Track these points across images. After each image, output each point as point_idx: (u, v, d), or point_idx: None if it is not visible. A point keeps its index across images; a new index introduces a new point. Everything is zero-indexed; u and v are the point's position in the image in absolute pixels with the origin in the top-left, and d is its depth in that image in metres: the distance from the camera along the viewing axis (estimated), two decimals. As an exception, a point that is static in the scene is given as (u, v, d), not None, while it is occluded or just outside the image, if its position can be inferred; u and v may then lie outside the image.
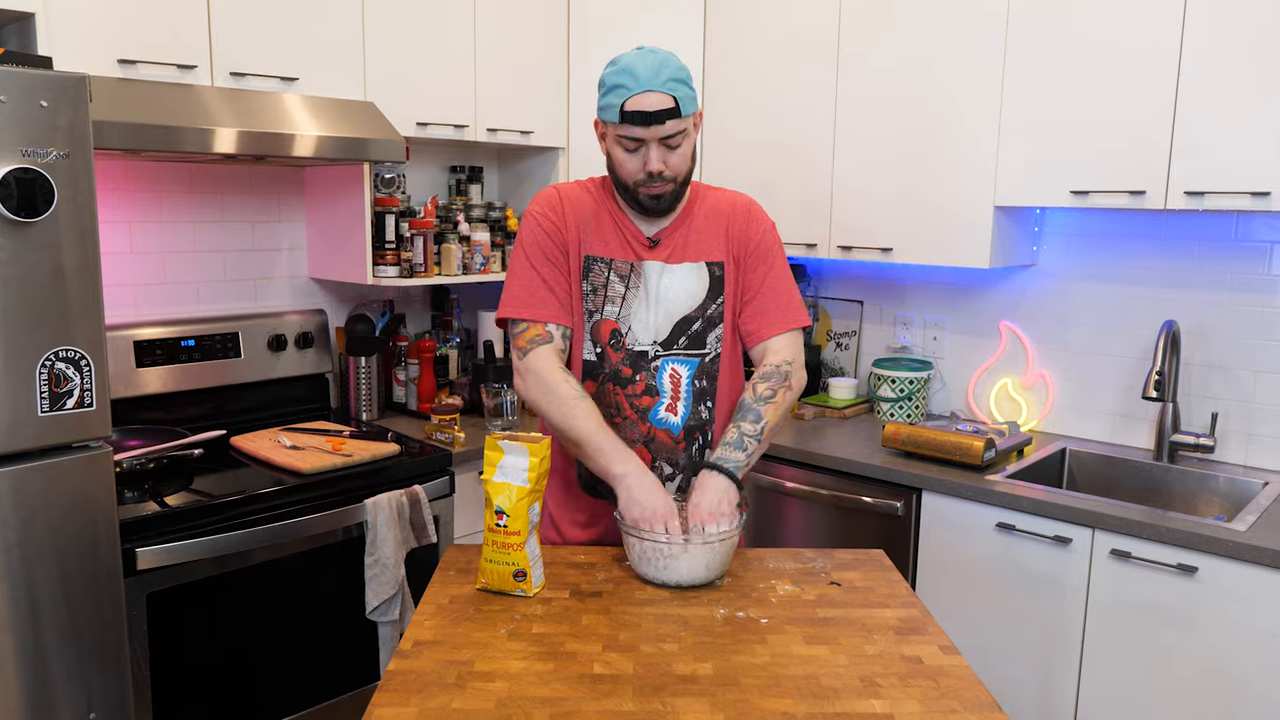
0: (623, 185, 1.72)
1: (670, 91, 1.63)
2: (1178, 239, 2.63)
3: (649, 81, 1.62)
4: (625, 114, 1.63)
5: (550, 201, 1.78)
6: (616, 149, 1.69)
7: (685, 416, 1.78)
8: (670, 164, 1.68)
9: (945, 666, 1.35)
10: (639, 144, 1.66)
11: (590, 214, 1.78)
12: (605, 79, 1.67)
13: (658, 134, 1.65)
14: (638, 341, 1.76)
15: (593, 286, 1.76)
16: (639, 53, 1.65)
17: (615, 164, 1.71)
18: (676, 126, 1.65)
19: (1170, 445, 2.58)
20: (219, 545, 2.12)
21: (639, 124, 1.63)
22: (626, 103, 1.63)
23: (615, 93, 1.64)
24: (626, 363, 1.76)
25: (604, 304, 1.75)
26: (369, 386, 2.92)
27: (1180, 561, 2.09)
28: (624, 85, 1.63)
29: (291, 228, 2.96)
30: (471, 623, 1.45)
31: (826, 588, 1.61)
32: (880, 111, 2.78)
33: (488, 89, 2.94)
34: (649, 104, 1.63)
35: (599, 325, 1.76)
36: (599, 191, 1.81)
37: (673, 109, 1.64)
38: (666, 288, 1.77)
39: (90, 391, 1.84)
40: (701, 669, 1.33)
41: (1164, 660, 2.13)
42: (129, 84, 2.19)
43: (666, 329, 1.77)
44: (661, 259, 1.77)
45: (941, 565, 2.46)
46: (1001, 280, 2.95)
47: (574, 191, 1.81)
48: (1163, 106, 2.30)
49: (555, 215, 1.76)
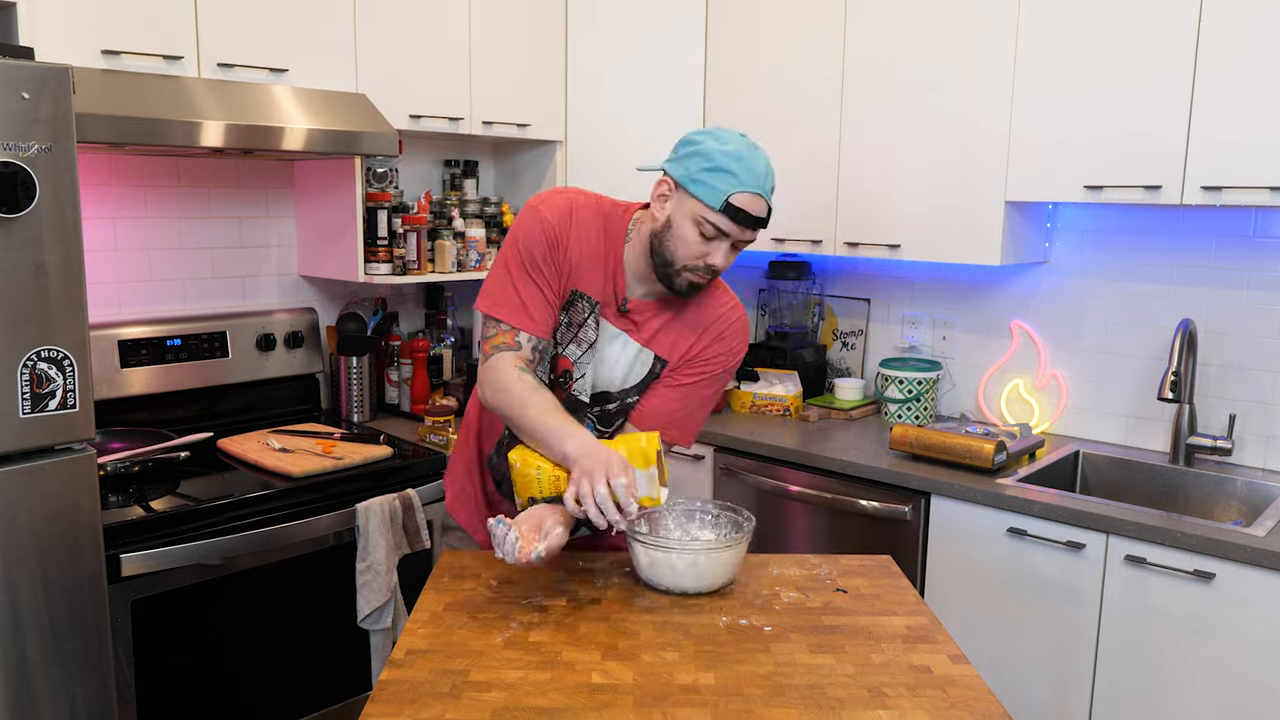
0: (667, 260, 1.64)
1: (769, 201, 1.60)
2: (1195, 235, 2.63)
3: (760, 184, 1.58)
4: (729, 206, 1.57)
5: (561, 212, 1.68)
6: (688, 226, 1.60)
7: None
8: (727, 263, 1.64)
9: (955, 676, 1.35)
10: (717, 235, 1.60)
11: (592, 246, 1.70)
12: (710, 153, 1.58)
13: (744, 236, 1.61)
14: (582, 391, 1.73)
15: (569, 320, 1.71)
16: (750, 144, 1.60)
17: (676, 238, 1.62)
18: (756, 235, 1.63)
19: (1187, 448, 2.58)
20: (206, 551, 2.11)
21: (738, 222, 1.58)
22: (734, 196, 1.56)
23: (721, 177, 1.56)
24: (565, 405, 1.66)
25: (569, 343, 1.71)
26: (360, 387, 2.92)
27: (1197, 568, 2.09)
28: (734, 174, 1.56)
29: (281, 224, 2.96)
30: (466, 631, 1.45)
31: (832, 595, 1.61)
32: (888, 105, 2.78)
33: (483, 80, 2.94)
34: (756, 207, 1.58)
35: (556, 359, 1.73)
36: (613, 227, 1.71)
37: (766, 219, 1.61)
38: (615, 359, 1.72)
39: (73, 392, 1.84)
40: (703, 679, 1.33)
41: (1180, 670, 2.13)
42: (113, 75, 2.19)
43: (589, 392, 1.74)
44: (626, 328, 1.72)
45: (951, 572, 2.45)
46: (1013, 278, 2.95)
47: (587, 213, 1.70)
48: (1179, 98, 2.30)
49: (561, 230, 1.67)
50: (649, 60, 3.12)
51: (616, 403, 1.76)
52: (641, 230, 1.69)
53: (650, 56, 3.12)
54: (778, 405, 3.06)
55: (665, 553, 1.57)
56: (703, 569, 1.57)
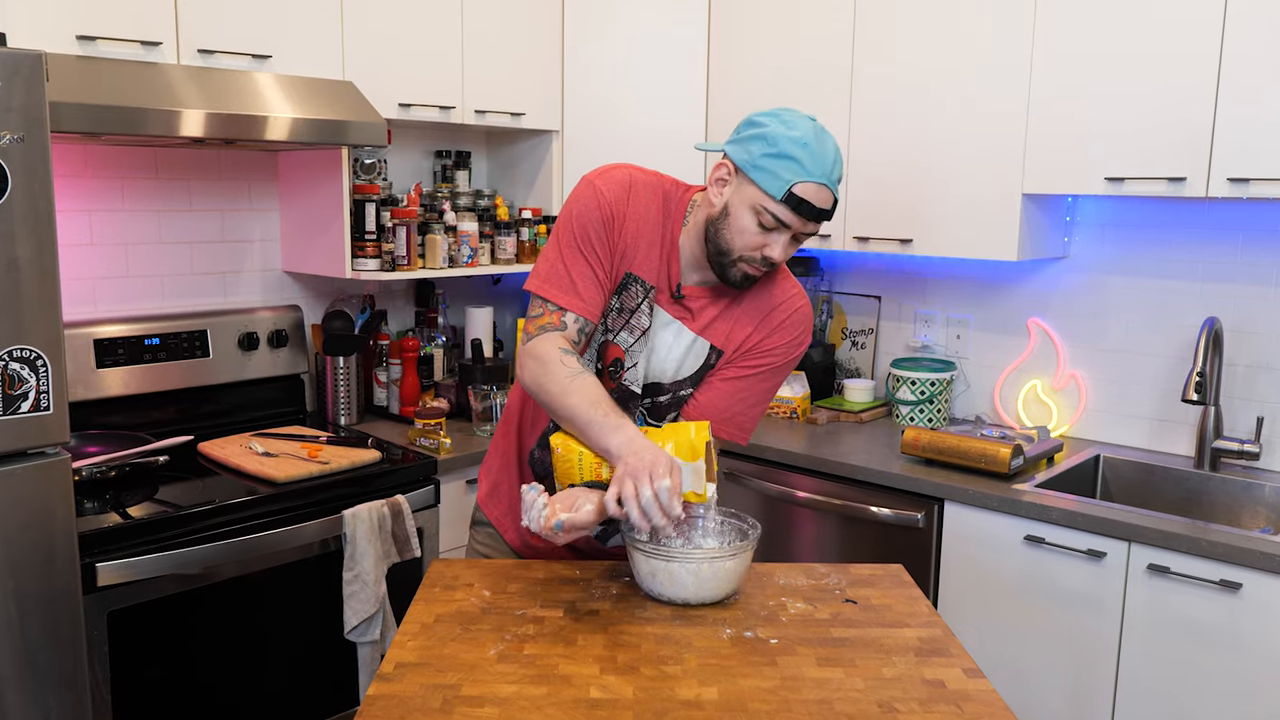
0: (723, 249, 1.62)
1: (835, 193, 1.58)
2: (1221, 229, 2.63)
3: (828, 174, 1.56)
4: (792, 196, 1.54)
5: (620, 190, 1.66)
6: (746, 214, 1.58)
7: None
8: (786, 254, 1.62)
9: (970, 690, 1.35)
10: (777, 226, 1.58)
11: (650, 226, 1.68)
12: (775, 137, 1.55)
13: (806, 229, 1.59)
14: (634, 381, 1.72)
15: (621, 305, 1.69)
16: (818, 128, 1.57)
17: (733, 227, 1.60)
18: (820, 228, 1.62)
19: (1212, 452, 2.58)
20: (185, 560, 2.12)
21: (801, 214, 1.56)
22: (797, 186, 1.54)
23: (786, 164, 1.54)
24: (615, 395, 1.67)
25: (621, 329, 1.70)
26: (348, 388, 2.92)
27: (1223, 577, 2.09)
28: (800, 162, 1.54)
29: (264, 217, 2.96)
30: (458, 643, 1.45)
31: (841, 606, 1.61)
32: (899, 92, 2.78)
33: (476, 67, 2.94)
34: (819, 198, 1.56)
35: (606, 346, 1.72)
36: (671, 209, 1.70)
37: (831, 211, 1.59)
38: (668, 348, 1.71)
39: (46, 394, 1.84)
40: (706, 693, 1.33)
41: (1205, 682, 2.13)
42: (88, 62, 2.19)
43: (640, 383, 1.73)
44: (679, 316, 1.70)
45: (965, 581, 2.46)
46: (1030, 274, 2.95)
47: (646, 190, 1.68)
48: (1204, 86, 2.30)
49: (618, 206, 1.65)
50: (650, 45, 3.12)
51: (669, 395, 1.74)
52: (698, 215, 1.68)
53: (651, 41, 3.12)
54: (784, 407, 3.06)
55: (667, 562, 1.56)
56: (706, 579, 1.57)
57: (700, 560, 1.56)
